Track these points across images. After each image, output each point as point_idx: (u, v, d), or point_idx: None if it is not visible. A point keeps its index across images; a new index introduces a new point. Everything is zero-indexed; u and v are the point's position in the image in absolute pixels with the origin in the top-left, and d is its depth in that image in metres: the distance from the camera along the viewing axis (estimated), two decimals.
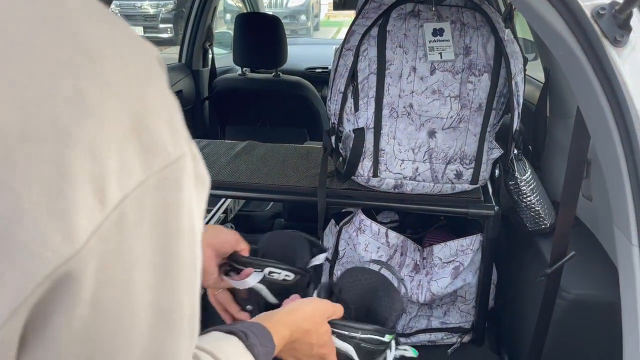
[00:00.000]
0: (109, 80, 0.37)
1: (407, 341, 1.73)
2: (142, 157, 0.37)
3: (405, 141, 1.55)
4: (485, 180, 1.65)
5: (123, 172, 0.36)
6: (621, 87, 0.94)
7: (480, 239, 1.65)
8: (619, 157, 0.93)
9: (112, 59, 0.38)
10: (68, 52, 0.36)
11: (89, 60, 0.37)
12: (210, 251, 1.03)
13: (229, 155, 1.99)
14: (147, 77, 0.40)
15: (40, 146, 0.34)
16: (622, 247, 0.93)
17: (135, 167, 0.37)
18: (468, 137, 1.56)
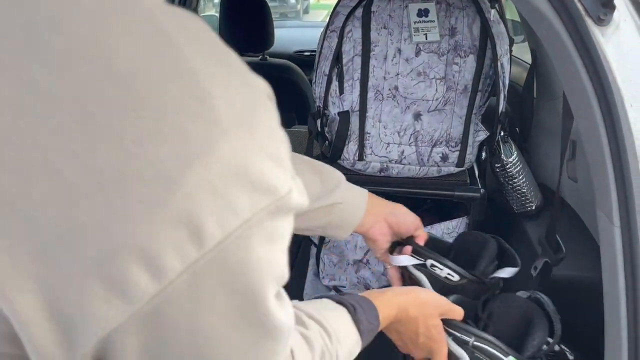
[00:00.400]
0: (217, 120, 0.37)
1: None
2: (248, 195, 0.37)
3: (390, 124, 1.54)
4: (472, 163, 1.64)
5: (226, 212, 0.36)
6: (604, 66, 0.93)
7: (466, 222, 1.65)
8: (602, 139, 0.92)
9: (220, 98, 0.37)
10: (176, 91, 0.36)
11: (197, 100, 0.36)
12: (384, 226, 1.11)
13: None
14: (255, 114, 0.40)
15: (138, 188, 0.34)
16: (604, 228, 0.92)
17: (241, 205, 0.37)
18: (454, 119, 1.55)
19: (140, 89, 0.35)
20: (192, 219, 0.35)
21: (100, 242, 0.34)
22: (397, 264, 1.11)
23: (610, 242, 0.88)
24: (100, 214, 0.34)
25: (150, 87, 0.36)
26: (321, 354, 0.66)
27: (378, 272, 1.66)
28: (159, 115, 0.35)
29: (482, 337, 0.93)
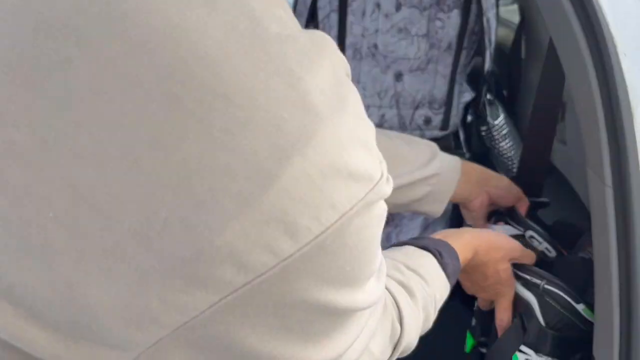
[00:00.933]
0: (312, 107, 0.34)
1: None
2: (345, 186, 0.35)
3: (370, 85, 1.45)
4: (456, 126, 1.56)
5: (324, 205, 0.34)
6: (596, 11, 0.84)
7: None
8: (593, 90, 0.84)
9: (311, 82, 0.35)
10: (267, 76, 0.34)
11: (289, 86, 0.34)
12: (485, 198, 1.09)
13: None
14: (343, 97, 0.38)
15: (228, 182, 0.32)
16: (594, 189, 0.85)
17: (339, 197, 0.35)
18: (437, 79, 1.46)
19: (229, 73, 0.32)
20: (287, 215, 0.33)
21: (182, 241, 0.32)
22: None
23: (601, 202, 0.81)
24: (183, 209, 0.32)
25: (240, 71, 0.33)
26: (423, 302, 0.69)
27: None
28: (250, 102, 0.32)
29: (554, 282, 0.90)
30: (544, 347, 0.92)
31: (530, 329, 0.92)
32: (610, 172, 0.81)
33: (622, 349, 0.76)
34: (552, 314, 0.90)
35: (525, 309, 0.93)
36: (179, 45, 0.32)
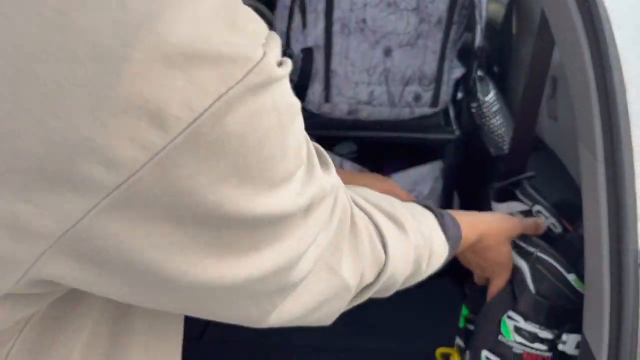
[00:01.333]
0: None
1: None
2: (215, 68, 0.31)
3: (358, 61, 1.42)
4: (446, 103, 1.54)
5: (191, 89, 0.31)
6: None
7: (440, 166, 1.56)
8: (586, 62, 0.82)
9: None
10: None
11: None
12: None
13: None
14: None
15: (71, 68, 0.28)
16: (586, 163, 0.83)
17: (208, 80, 0.31)
18: (427, 54, 1.43)
19: None
20: (148, 102, 0.29)
21: (32, 136, 0.29)
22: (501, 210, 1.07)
23: (592, 178, 0.80)
24: (27, 101, 0.28)
25: None
26: (416, 241, 0.66)
27: None
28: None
29: (548, 251, 0.90)
30: (533, 315, 0.92)
31: (520, 296, 0.93)
32: (602, 147, 0.79)
33: (612, 324, 0.75)
34: (543, 282, 0.90)
35: (517, 277, 0.93)
36: None
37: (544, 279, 0.90)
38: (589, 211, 0.83)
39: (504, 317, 0.95)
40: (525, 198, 1.10)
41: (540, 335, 0.92)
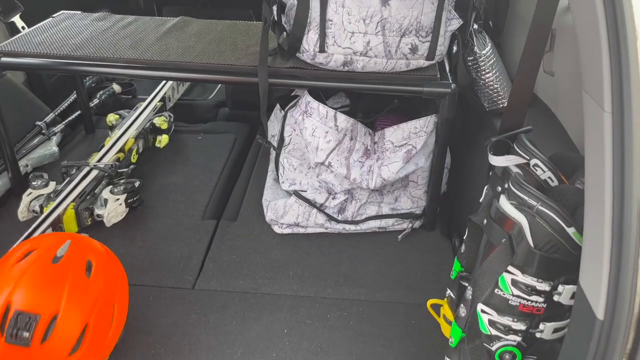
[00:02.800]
0: None
1: (357, 229, 1.67)
2: None
3: (355, 10, 1.37)
4: (442, 56, 1.51)
5: None
6: None
7: (434, 120, 1.54)
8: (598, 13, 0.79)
9: None
10: None
11: None
12: None
13: (158, 32, 1.76)
14: None
15: None
16: (591, 114, 0.82)
17: None
18: (425, 5, 1.39)
19: None
20: None
21: None
22: (498, 163, 1.06)
23: (598, 128, 0.79)
24: None
25: None
26: None
27: (340, 175, 1.56)
28: None
29: (548, 204, 0.90)
30: (530, 268, 0.93)
31: (518, 250, 0.93)
32: (611, 97, 0.78)
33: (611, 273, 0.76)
34: (542, 235, 0.90)
35: (515, 231, 0.93)
36: None
37: (544, 232, 0.90)
38: (592, 162, 0.82)
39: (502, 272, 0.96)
40: (523, 151, 1.09)
41: (537, 288, 0.93)
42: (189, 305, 1.42)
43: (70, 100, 2.20)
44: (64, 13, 1.94)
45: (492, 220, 1.01)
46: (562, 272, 0.92)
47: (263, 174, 1.91)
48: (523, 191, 0.95)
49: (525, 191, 0.93)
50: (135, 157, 1.96)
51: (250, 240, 1.65)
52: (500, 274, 0.96)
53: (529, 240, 0.92)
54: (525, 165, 1.08)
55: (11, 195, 1.78)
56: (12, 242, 1.43)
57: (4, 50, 1.60)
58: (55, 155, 1.97)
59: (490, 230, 1.01)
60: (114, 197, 1.65)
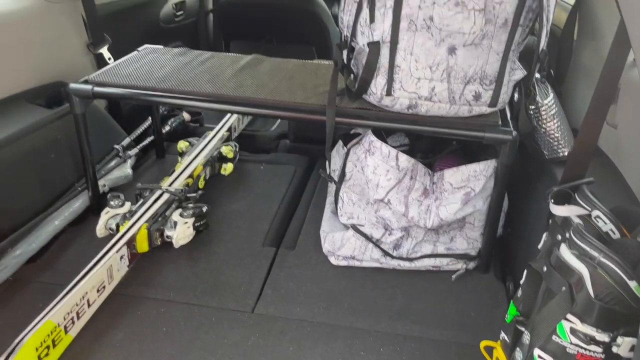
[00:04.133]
0: None
1: (411, 266, 1.71)
2: None
3: (423, 57, 1.45)
4: (505, 104, 1.56)
5: None
6: None
7: (494, 165, 1.58)
8: None
9: None
10: None
11: None
12: None
13: (233, 68, 1.89)
14: None
15: None
16: None
17: None
18: (490, 55, 1.45)
19: None
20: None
21: None
22: (560, 213, 1.09)
23: None
24: None
25: None
26: None
27: (399, 212, 1.62)
28: None
29: (610, 256, 0.92)
30: (590, 318, 0.95)
31: (578, 299, 0.95)
32: None
33: None
34: (602, 286, 0.92)
35: (576, 280, 0.96)
36: None
37: (605, 284, 0.92)
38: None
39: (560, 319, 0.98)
40: (584, 202, 1.12)
41: (596, 338, 0.95)
42: (249, 328, 1.49)
43: (144, 126, 2.36)
44: (148, 47, 2.11)
45: (552, 268, 1.04)
46: (622, 324, 0.94)
47: (321, 206, 1.99)
48: (585, 242, 0.98)
49: (587, 242, 0.96)
50: (203, 183, 2.09)
51: (307, 270, 1.72)
52: (559, 322, 0.99)
53: (589, 290, 0.94)
54: (587, 216, 1.11)
55: (89, 213, 1.92)
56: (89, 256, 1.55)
57: (96, 80, 1.76)
58: (129, 177, 2.12)
59: (550, 278, 1.04)
60: (183, 220, 1.76)
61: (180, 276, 1.67)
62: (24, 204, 1.74)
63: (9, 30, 1.82)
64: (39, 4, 1.94)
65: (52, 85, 1.99)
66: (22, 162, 1.74)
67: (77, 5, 2.10)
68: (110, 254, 1.55)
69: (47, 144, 1.84)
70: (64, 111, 1.91)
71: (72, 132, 1.84)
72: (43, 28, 1.96)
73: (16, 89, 1.84)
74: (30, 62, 1.92)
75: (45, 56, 1.97)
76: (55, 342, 1.33)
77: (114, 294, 1.57)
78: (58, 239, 1.79)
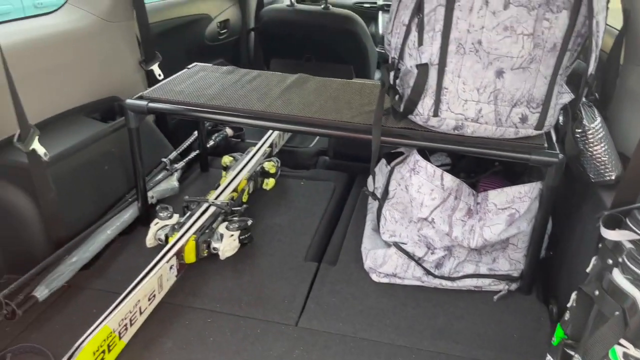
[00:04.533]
0: None
1: (453, 285, 1.72)
2: None
3: (470, 80, 1.47)
4: (551, 126, 1.57)
5: None
6: None
7: (539, 187, 1.59)
8: None
9: None
10: None
11: None
12: None
13: (280, 87, 1.95)
14: None
15: None
16: None
17: None
18: (538, 79, 1.47)
19: None
20: None
21: None
22: (613, 237, 1.10)
23: None
24: None
25: None
26: None
27: (442, 231, 1.64)
28: None
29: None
30: None
31: (632, 324, 0.96)
32: None
33: None
34: None
35: (629, 304, 0.96)
36: None
37: None
38: None
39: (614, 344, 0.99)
40: (636, 227, 1.12)
41: None
42: (293, 341, 1.52)
43: (190, 140, 2.44)
44: (197, 65, 2.19)
45: (604, 292, 1.04)
46: None
47: (360, 223, 2.02)
48: (635, 264, 0.98)
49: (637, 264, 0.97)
50: (246, 197, 2.14)
51: (349, 285, 1.75)
52: (612, 346, 0.99)
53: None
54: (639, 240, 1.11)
55: (137, 223, 1.99)
56: (139, 265, 1.61)
57: (150, 96, 1.84)
58: (175, 189, 2.19)
59: (602, 302, 1.05)
60: (229, 233, 1.81)
61: (226, 287, 1.72)
62: (80, 213, 1.82)
63: (72, 47, 1.92)
64: (99, 22, 2.05)
65: (106, 100, 2.08)
66: (80, 174, 1.82)
67: (132, 24, 2.20)
68: (161, 264, 1.61)
69: (102, 157, 1.93)
70: (117, 125, 1.99)
71: (125, 145, 1.93)
72: (101, 45, 2.06)
73: (75, 102, 1.94)
74: (88, 78, 2.01)
75: (101, 72, 2.07)
76: (110, 347, 1.39)
77: (163, 303, 1.62)
78: (109, 247, 1.86)
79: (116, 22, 2.11)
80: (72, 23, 1.97)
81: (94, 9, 2.04)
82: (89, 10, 2.04)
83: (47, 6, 4.19)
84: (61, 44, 1.88)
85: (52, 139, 1.71)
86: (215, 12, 3.02)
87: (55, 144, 1.70)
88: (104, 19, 2.06)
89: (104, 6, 2.06)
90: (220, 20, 3.07)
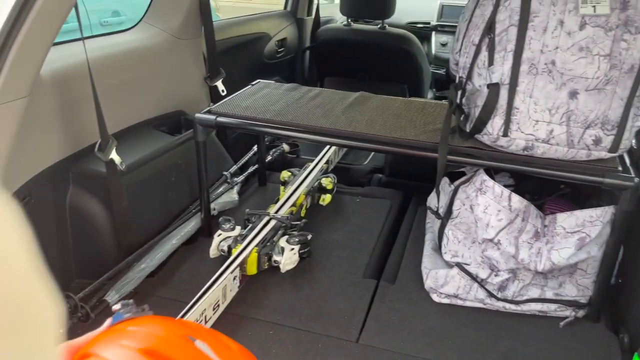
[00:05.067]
0: None
1: (517, 309, 1.68)
2: None
3: (542, 100, 1.46)
4: (625, 149, 1.53)
5: None
6: None
7: (612, 212, 1.55)
8: None
9: None
10: None
11: None
12: None
13: (343, 104, 1.97)
14: None
15: None
16: None
17: None
18: (614, 100, 1.44)
19: None
20: None
21: None
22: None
23: None
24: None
25: None
26: None
27: (508, 253, 1.61)
28: None
29: None
30: None
31: None
32: None
33: None
34: None
35: None
36: None
37: None
38: None
39: None
40: None
41: None
42: (355, 357, 1.51)
43: (249, 155, 2.49)
44: (260, 82, 2.25)
45: None
46: None
47: (418, 241, 2.00)
48: None
49: None
50: (304, 212, 2.16)
51: (409, 304, 1.73)
52: None
53: None
54: None
55: (199, 234, 2.04)
56: (202, 275, 1.65)
57: (218, 111, 1.89)
58: (235, 202, 2.23)
59: None
60: (290, 247, 1.83)
61: (286, 300, 1.73)
62: (148, 222, 1.88)
63: (145, 63, 2.01)
64: (170, 39, 2.13)
65: (174, 113, 2.16)
66: (149, 184, 1.89)
67: (199, 41, 2.28)
68: (225, 275, 1.64)
69: (169, 168, 1.99)
70: (184, 138, 2.06)
71: (190, 158, 1.99)
72: (171, 61, 2.14)
73: (146, 115, 2.02)
74: (158, 92, 2.09)
75: (170, 87, 2.15)
76: None
77: (226, 313, 1.65)
78: (172, 256, 1.92)
79: (185, 39, 2.20)
80: (146, 40, 2.06)
81: (166, 27, 2.13)
82: (162, 27, 2.13)
83: (112, 24, 4.41)
84: (136, 59, 1.97)
85: (125, 150, 1.79)
86: (274, 31, 3.09)
87: (128, 154, 1.77)
88: (174, 36, 2.15)
89: (176, 24, 2.14)
90: (278, 39, 3.15)
